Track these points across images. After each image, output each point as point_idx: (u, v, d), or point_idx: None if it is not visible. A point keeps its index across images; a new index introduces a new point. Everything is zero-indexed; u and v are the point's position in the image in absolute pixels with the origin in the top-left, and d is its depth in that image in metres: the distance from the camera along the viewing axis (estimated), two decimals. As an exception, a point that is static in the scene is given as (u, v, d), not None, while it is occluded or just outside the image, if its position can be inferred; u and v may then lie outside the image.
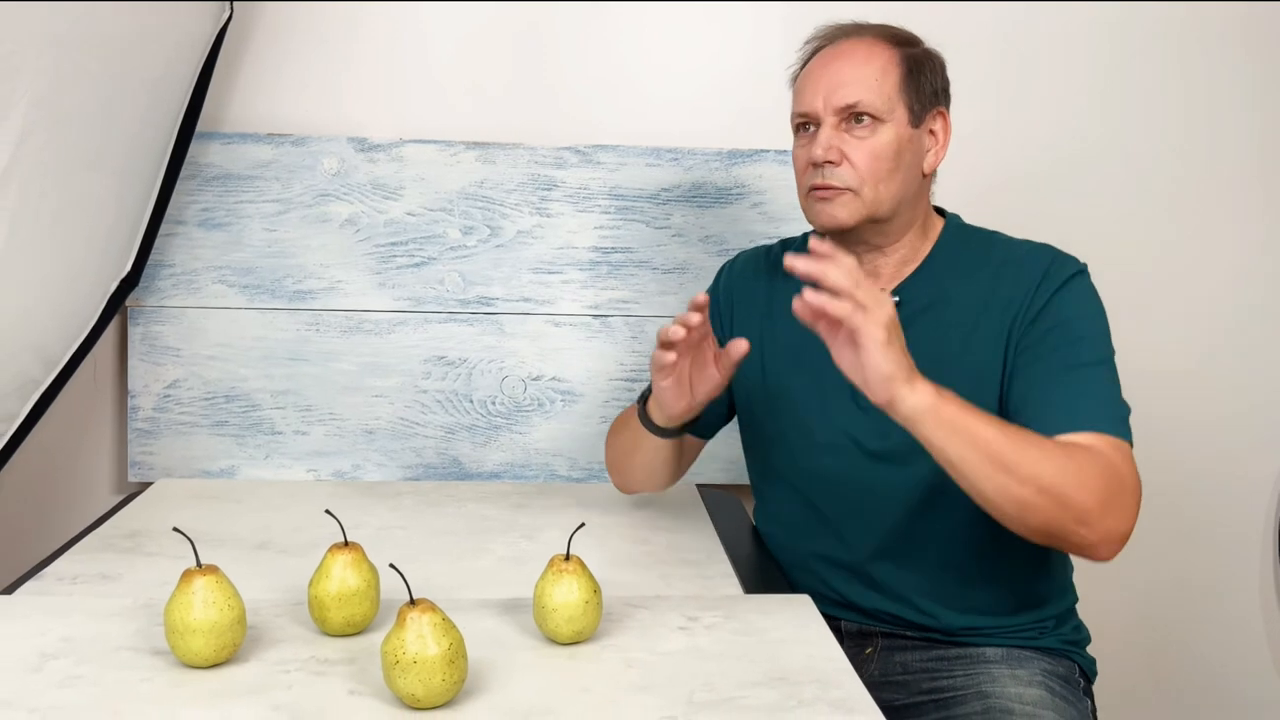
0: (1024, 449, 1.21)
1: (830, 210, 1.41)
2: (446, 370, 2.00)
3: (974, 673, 1.41)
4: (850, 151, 1.40)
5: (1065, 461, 1.22)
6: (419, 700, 1.01)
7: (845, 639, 1.49)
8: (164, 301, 1.95)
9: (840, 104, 1.40)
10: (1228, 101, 2.12)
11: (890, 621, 1.48)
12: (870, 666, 1.47)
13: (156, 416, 1.97)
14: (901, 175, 1.42)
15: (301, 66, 1.98)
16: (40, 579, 1.41)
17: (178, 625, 1.08)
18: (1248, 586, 2.25)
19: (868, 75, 1.40)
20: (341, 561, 1.18)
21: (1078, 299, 1.38)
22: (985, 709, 1.34)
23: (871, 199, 1.40)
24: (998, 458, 1.19)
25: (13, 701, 1.03)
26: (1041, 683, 1.38)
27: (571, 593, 1.16)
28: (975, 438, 1.19)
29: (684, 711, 1.03)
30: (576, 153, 1.98)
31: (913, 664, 1.46)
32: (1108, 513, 1.22)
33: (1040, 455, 1.21)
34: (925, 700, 1.42)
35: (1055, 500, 1.20)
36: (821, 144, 1.40)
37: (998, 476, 1.20)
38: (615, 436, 1.66)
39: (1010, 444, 1.20)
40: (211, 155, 1.93)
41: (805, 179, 1.44)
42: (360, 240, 1.97)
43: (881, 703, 1.42)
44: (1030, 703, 1.33)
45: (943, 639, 1.45)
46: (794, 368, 1.51)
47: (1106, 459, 1.25)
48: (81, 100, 1.53)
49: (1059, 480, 1.20)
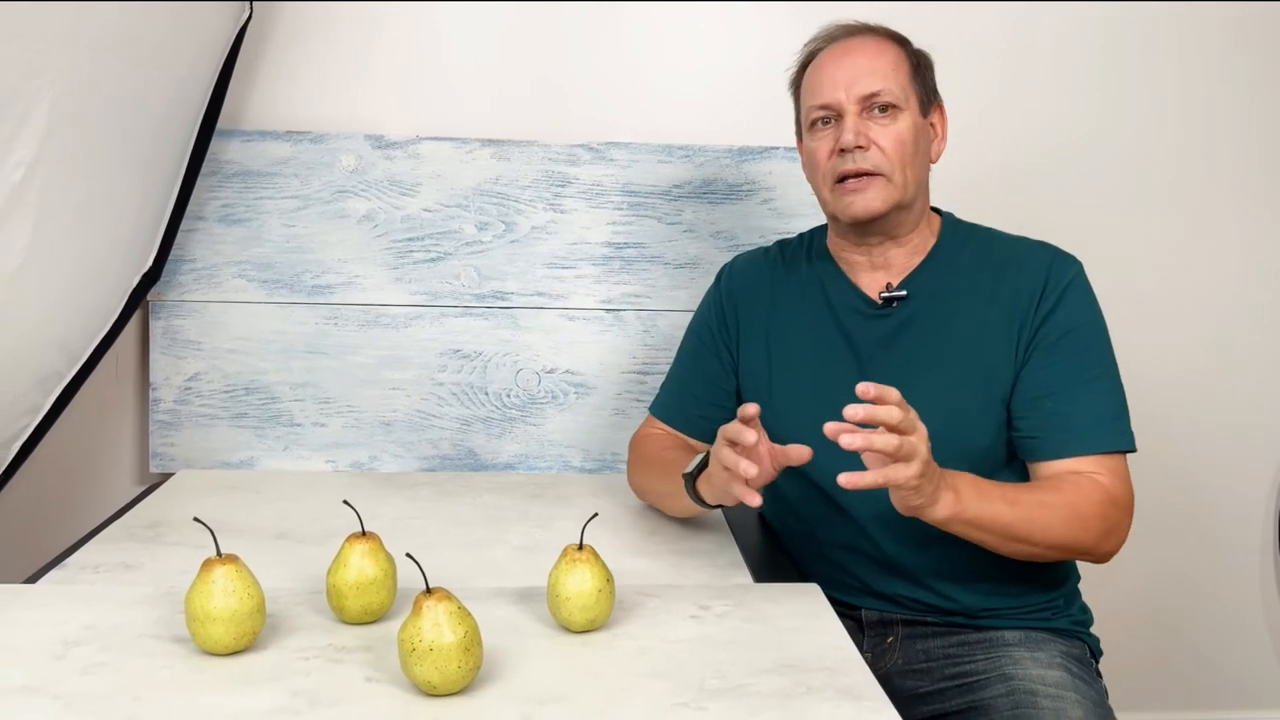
0: (1034, 518, 1.32)
1: (864, 200, 1.43)
2: (462, 363, 2.02)
3: (995, 656, 1.43)
4: (877, 137, 1.43)
5: (1068, 515, 1.33)
6: (435, 687, 1.01)
7: (866, 628, 1.50)
8: (185, 296, 1.97)
9: (864, 92, 1.43)
10: (1226, 98, 2.12)
11: (911, 606, 1.48)
12: (893, 655, 1.48)
13: (177, 409, 1.99)
14: (920, 161, 1.47)
15: (320, 66, 2.00)
16: (64, 568, 1.42)
17: (198, 613, 1.09)
18: (1248, 578, 2.26)
19: (884, 66, 1.44)
20: (359, 551, 1.19)
21: (1081, 303, 1.43)
22: (1010, 691, 1.35)
23: (900, 183, 1.44)
24: (1013, 534, 1.31)
25: (37, 688, 1.04)
26: (1061, 664, 1.40)
27: (585, 581, 1.17)
28: (993, 525, 1.29)
29: (695, 698, 1.04)
30: (590, 150, 2.00)
31: (934, 650, 1.47)
32: (1106, 539, 1.37)
33: (1049, 519, 1.33)
34: (949, 686, 1.43)
35: (1065, 549, 1.35)
36: (851, 129, 1.42)
37: (1014, 546, 1.33)
38: (647, 474, 1.64)
39: (1024, 519, 1.31)
40: (231, 152, 1.95)
41: (829, 169, 1.46)
42: (377, 236, 1.99)
43: (906, 690, 1.44)
44: (1052, 684, 1.35)
45: (963, 623, 1.47)
46: (801, 363, 1.52)
47: (1104, 491, 1.36)
48: (105, 99, 1.54)
49: (1066, 535, 1.33)
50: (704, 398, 1.64)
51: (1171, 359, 2.17)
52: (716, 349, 1.63)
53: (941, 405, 1.36)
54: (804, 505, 1.55)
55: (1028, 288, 1.43)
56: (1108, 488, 1.36)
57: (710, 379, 1.63)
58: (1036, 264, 1.45)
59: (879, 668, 1.48)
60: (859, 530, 1.48)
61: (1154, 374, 2.13)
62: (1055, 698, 1.32)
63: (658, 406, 1.70)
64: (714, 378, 1.63)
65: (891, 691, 1.44)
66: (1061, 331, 1.41)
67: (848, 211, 1.45)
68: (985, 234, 1.53)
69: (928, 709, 1.44)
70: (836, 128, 1.45)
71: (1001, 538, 1.30)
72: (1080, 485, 1.36)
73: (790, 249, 1.63)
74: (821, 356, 1.51)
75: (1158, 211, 2.14)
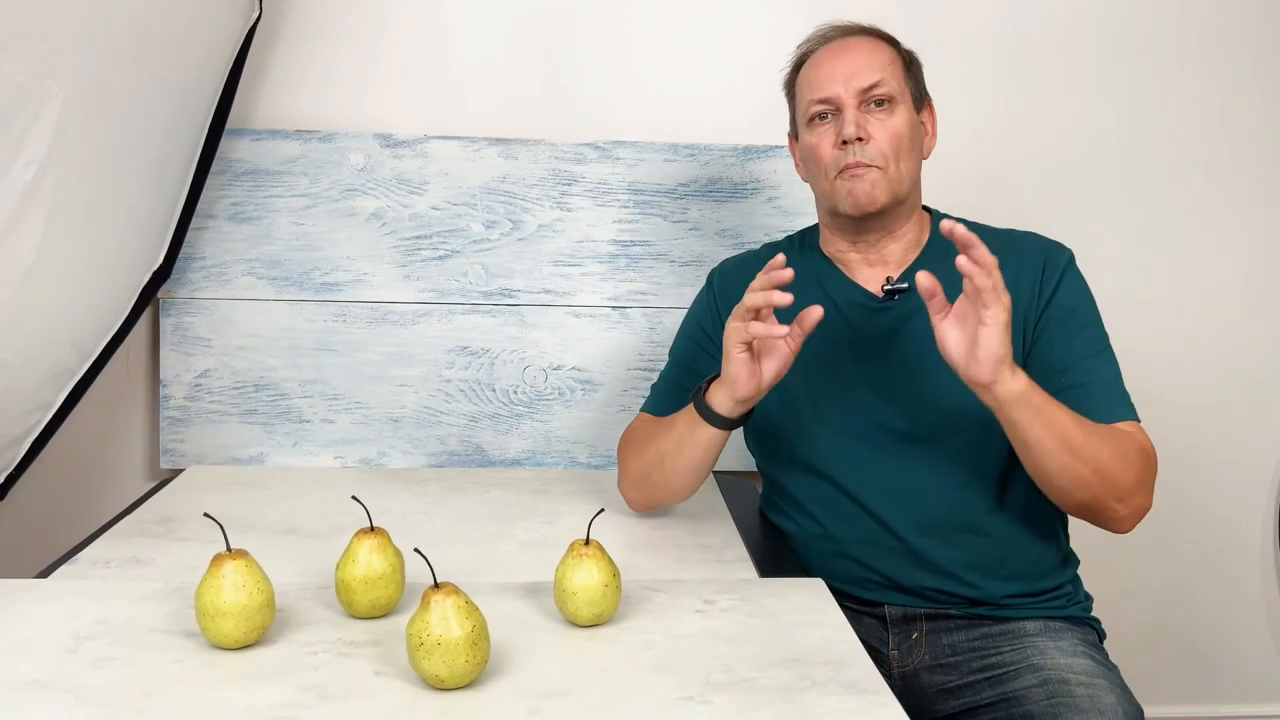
0: (1089, 434, 1.32)
1: (867, 189, 1.45)
2: (469, 360, 2.03)
3: (1021, 647, 1.43)
4: (874, 131, 1.45)
5: (1116, 445, 1.34)
6: (443, 681, 1.02)
7: (890, 625, 1.51)
8: (195, 293, 1.98)
9: (862, 85, 1.46)
10: (1228, 93, 2.12)
11: (935, 599, 1.49)
12: (919, 651, 1.49)
13: (187, 405, 2.00)
14: (914, 155, 1.49)
15: (329, 65, 2.01)
16: (75, 563, 1.43)
17: (208, 608, 1.10)
18: (1248, 572, 2.26)
19: (881, 62, 1.47)
20: (367, 546, 1.20)
21: (1078, 285, 1.47)
22: (1042, 681, 1.36)
23: (895, 176, 1.46)
24: (1068, 440, 1.30)
25: (49, 682, 1.05)
26: (1084, 652, 1.41)
27: (591, 576, 1.18)
28: (1053, 422, 1.30)
29: (701, 692, 1.04)
30: (596, 149, 2.01)
31: (960, 644, 1.47)
32: (1140, 490, 1.36)
33: (1100, 440, 1.33)
34: (979, 679, 1.44)
35: (1105, 479, 1.33)
36: (852, 122, 1.44)
37: (1064, 456, 1.31)
38: (645, 446, 1.58)
39: (1080, 430, 1.31)
40: (241, 151, 1.96)
41: (832, 162, 1.48)
42: (386, 234, 2.00)
43: (935, 685, 1.45)
44: (1082, 672, 1.36)
45: (986, 614, 1.48)
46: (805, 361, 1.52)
47: (1140, 442, 1.38)
48: (116, 98, 1.55)
49: (1112, 461, 1.33)
50: None
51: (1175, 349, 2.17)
52: (711, 348, 1.62)
53: (953, 396, 1.37)
54: (821, 505, 1.54)
55: (1027, 274, 1.46)
56: (1144, 443, 1.38)
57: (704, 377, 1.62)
58: (1032, 251, 1.48)
59: (906, 664, 1.49)
60: (880, 524, 1.49)
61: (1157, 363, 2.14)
62: (1088, 685, 1.33)
63: (651, 406, 1.68)
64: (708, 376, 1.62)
65: (920, 688, 1.47)
66: (1066, 310, 1.44)
67: (851, 200, 1.46)
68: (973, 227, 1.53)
69: (958, 703, 1.44)
70: (836, 121, 1.47)
71: (1057, 440, 1.30)
72: (1118, 432, 1.37)
73: (781, 249, 1.63)
74: (826, 352, 1.51)
75: (1160, 211, 2.14)
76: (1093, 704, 1.30)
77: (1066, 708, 1.30)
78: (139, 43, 1.56)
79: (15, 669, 1.08)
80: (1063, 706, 1.30)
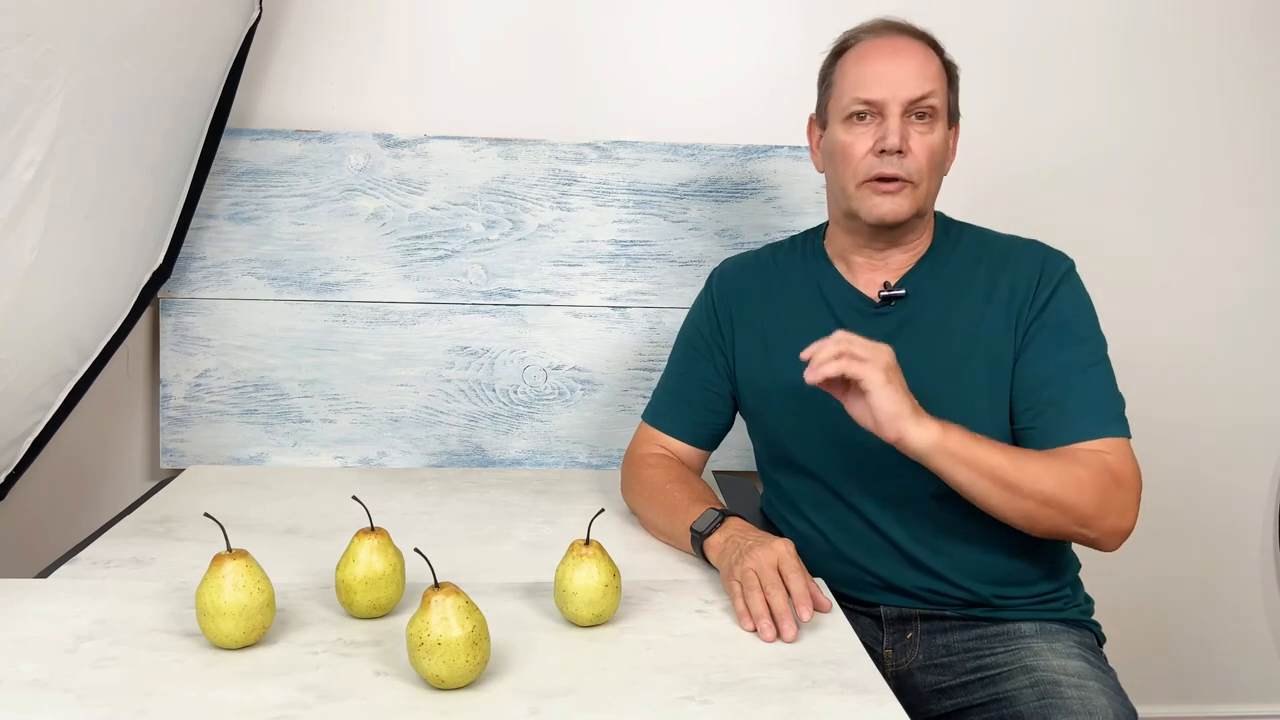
0: (1024, 467, 1.32)
1: (894, 204, 1.43)
2: (470, 360, 2.03)
3: (1015, 648, 1.43)
4: (914, 145, 1.42)
5: (1062, 473, 1.33)
6: (443, 681, 1.02)
7: (886, 625, 1.51)
8: (195, 293, 1.98)
9: (912, 95, 1.42)
10: (1233, 97, 2.12)
11: (930, 600, 1.49)
12: (913, 651, 1.49)
13: (188, 405, 2.00)
14: (940, 173, 1.48)
15: (329, 65, 2.01)
16: (75, 563, 1.43)
17: (209, 608, 1.10)
18: (1248, 571, 2.26)
19: (932, 73, 1.44)
20: (368, 546, 1.20)
21: (1075, 296, 1.45)
22: (1034, 682, 1.36)
23: (923, 193, 1.44)
24: (1002, 479, 1.31)
25: (49, 682, 1.05)
26: (1079, 655, 1.40)
27: (591, 576, 1.18)
28: (980, 464, 1.31)
29: (701, 691, 1.05)
30: (596, 148, 2.01)
31: (955, 645, 1.47)
32: (1106, 513, 1.35)
33: (1040, 470, 1.33)
34: (972, 679, 1.43)
35: (1057, 509, 1.33)
36: (896, 132, 1.41)
37: (1002, 494, 1.32)
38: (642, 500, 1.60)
39: (1012, 465, 1.32)
40: (241, 151, 1.96)
41: (865, 166, 1.44)
42: (386, 234, 2.00)
43: (928, 685, 1.45)
44: (1074, 674, 1.35)
45: (981, 615, 1.47)
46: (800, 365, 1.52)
47: (1103, 463, 1.35)
48: (116, 97, 1.55)
49: (1058, 491, 1.32)
50: (699, 403, 1.63)
51: (1176, 355, 2.18)
52: (710, 353, 1.62)
53: (948, 402, 1.37)
54: (815, 508, 1.54)
55: (1024, 282, 1.45)
56: (1109, 463, 1.35)
57: (705, 384, 1.62)
58: (1031, 259, 1.47)
59: (900, 664, 1.49)
60: (873, 527, 1.49)
61: (1158, 368, 2.14)
62: (1079, 687, 1.33)
63: (651, 414, 1.68)
64: (708, 382, 1.62)
65: (914, 687, 1.47)
66: (1058, 321, 1.43)
67: (874, 212, 1.44)
68: (977, 232, 1.54)
69: (951, 703, 1.44)
70: (876, 126, 1.43)
71: (989, 481, 1.30)
72: (1079, 454, 1.36)
73: (783, 251, 1.63)
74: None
75: (1165, 211, 2.14)
76: (1083, 706, 1.29)
77: (1057, 709, 1.30)
78: (139, 43, 1.55)
79: (15, 669, 1.08)
80: (1053, 708, 1.30)
